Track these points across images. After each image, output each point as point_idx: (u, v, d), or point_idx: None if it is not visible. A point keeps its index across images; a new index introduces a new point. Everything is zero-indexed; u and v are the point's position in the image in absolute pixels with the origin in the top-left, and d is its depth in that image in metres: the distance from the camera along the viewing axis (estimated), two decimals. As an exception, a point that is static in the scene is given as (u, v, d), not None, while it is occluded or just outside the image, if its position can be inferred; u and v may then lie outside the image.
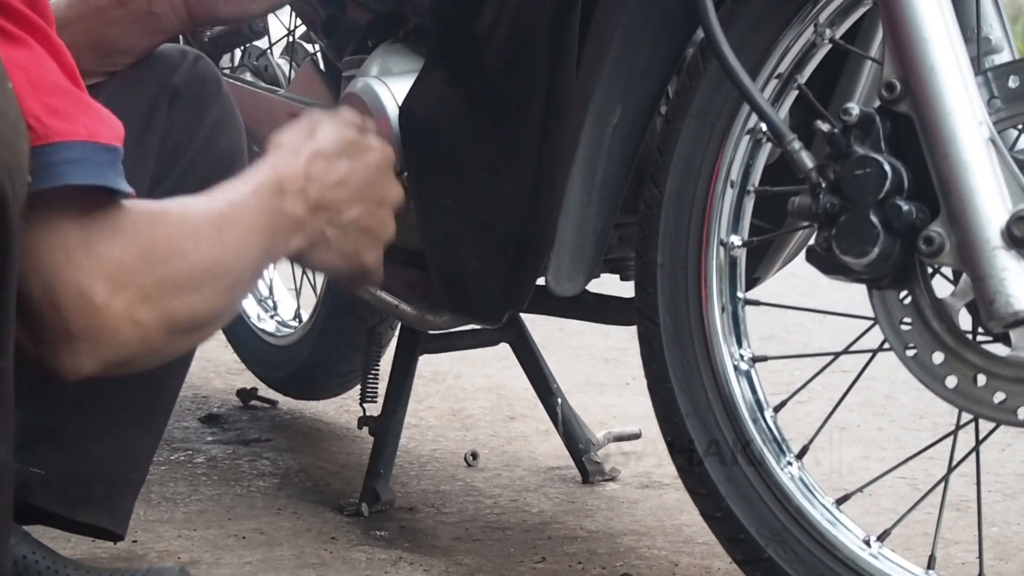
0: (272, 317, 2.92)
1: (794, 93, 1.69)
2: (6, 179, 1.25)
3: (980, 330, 1.54)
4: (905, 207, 1.50)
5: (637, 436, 2.49)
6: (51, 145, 1.31)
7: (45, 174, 1.31)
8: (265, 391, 2.87)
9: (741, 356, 1.72)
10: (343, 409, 2.84)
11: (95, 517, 1.77)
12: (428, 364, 2.86)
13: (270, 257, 1.56)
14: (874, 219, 1.50)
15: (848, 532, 1.65)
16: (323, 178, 1.59)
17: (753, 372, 1.73)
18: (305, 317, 2.80)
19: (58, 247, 1.33)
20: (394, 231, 1.66)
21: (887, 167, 1.50)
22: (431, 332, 2.25)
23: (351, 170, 1.62)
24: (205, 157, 1.80)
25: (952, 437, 1.63)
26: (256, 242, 1.52)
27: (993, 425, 1.57)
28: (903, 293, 1.55)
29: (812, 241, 1.57)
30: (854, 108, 1.52)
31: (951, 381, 1.53)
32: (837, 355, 1.73)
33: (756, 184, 1.72)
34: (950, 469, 1.63)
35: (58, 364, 1.37)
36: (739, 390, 1.71)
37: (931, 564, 1.61)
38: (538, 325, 2.51)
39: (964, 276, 1.50)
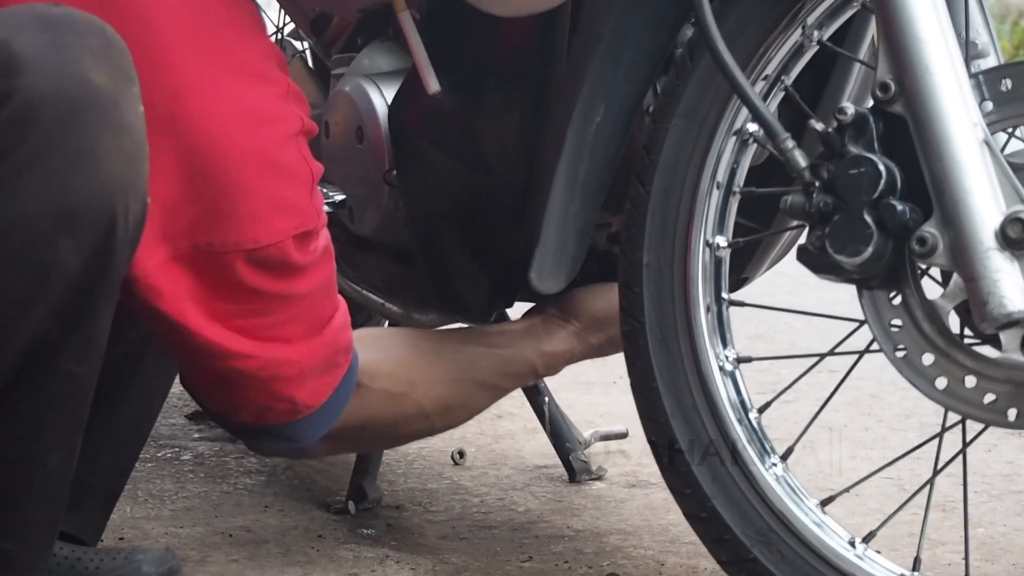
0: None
1: (781, 95, 1.69)
2: (119, 200, 1.34)
3: (969, 331, 1.54)
4: (899, 207, 1.50)
5: (624, 435, 2.49)
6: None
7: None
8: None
9: (726, 357, 1.72)
10: (329, 407, 2.83)
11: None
12: (414, 362, 2.84)
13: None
14: (868, 218, 1.50)
15: (833, 533, 1.65)
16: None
17: (738, 373, 1.73)
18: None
19: None
20: None
21: (881, 167, 1.50)
22: (418, 330, 2.24)
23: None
24: None
25: (939, 438, 1.63)
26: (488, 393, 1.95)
27: (980, 426, 1.58)
28: (893, 294, 1.55)
29: (803, 240, 1.57)
30: (849, 107, 1.52)
31: (941, 383, 1.53)
32: (823, 356, 1.73)
33: (741, 185, 1.72)
34: (936, 470, 1.63)
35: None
36: (724, 390, 1.71)
37: (917, 565, 1.61)
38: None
39: (954, 277, 1.50)
